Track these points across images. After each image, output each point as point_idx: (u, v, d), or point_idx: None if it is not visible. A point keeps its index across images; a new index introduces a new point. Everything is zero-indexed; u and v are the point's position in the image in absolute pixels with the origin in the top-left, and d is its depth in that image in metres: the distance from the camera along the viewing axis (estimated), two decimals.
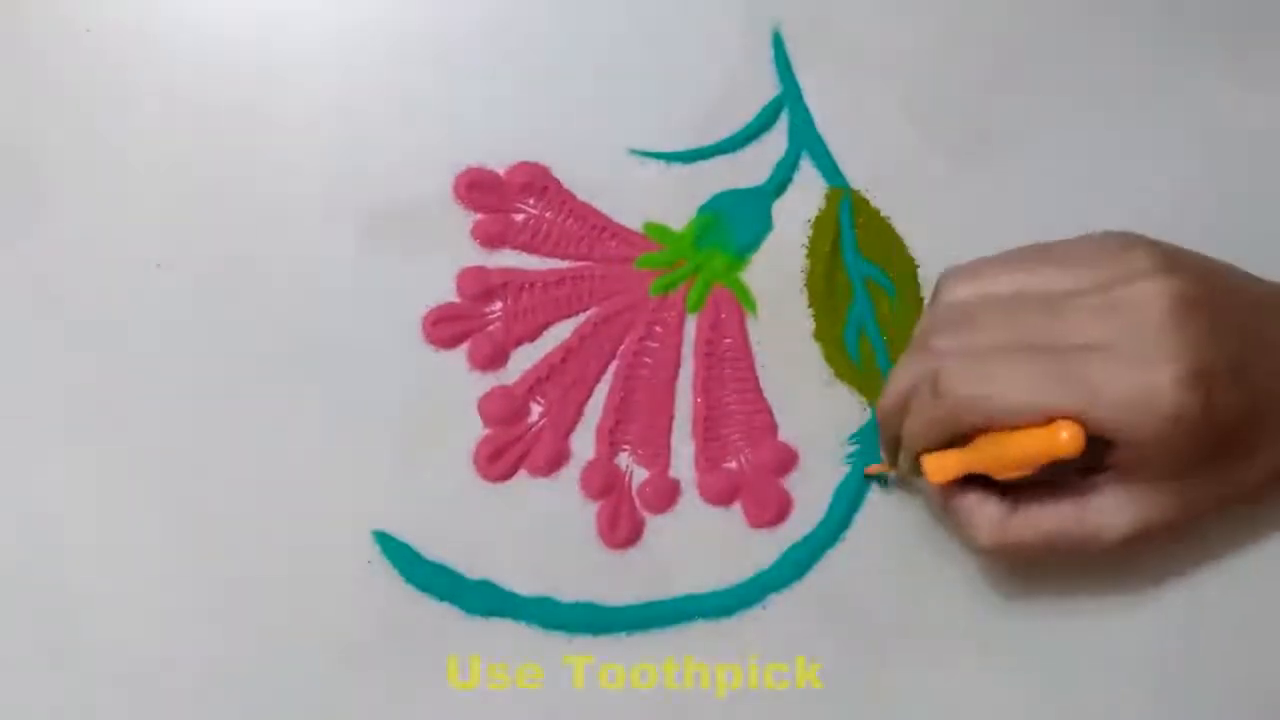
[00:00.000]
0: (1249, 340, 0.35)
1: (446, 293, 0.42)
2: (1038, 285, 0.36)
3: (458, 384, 0.41)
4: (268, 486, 0.40)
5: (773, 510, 0.41)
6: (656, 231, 0.43)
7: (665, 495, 0.41)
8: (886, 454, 0.39)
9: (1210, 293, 0.35)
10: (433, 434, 0.41)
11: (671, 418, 0.42)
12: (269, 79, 0.42)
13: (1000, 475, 0.35)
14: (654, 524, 0.41)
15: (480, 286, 0.42)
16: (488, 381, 0.41)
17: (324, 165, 0.42)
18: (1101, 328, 0.34)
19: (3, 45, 0.42)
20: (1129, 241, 0.36)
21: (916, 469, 0.37)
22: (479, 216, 0.42)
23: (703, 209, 0.43)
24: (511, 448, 0.41)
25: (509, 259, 0.42)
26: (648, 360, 0.42)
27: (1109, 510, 0.36)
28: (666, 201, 0.43)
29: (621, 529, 0.41)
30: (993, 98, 0.44)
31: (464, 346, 0.41)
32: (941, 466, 0.36)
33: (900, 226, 0.43)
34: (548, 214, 0.42)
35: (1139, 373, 0.33)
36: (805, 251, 0.43)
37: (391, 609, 0.40)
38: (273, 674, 0.39)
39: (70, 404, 0.40)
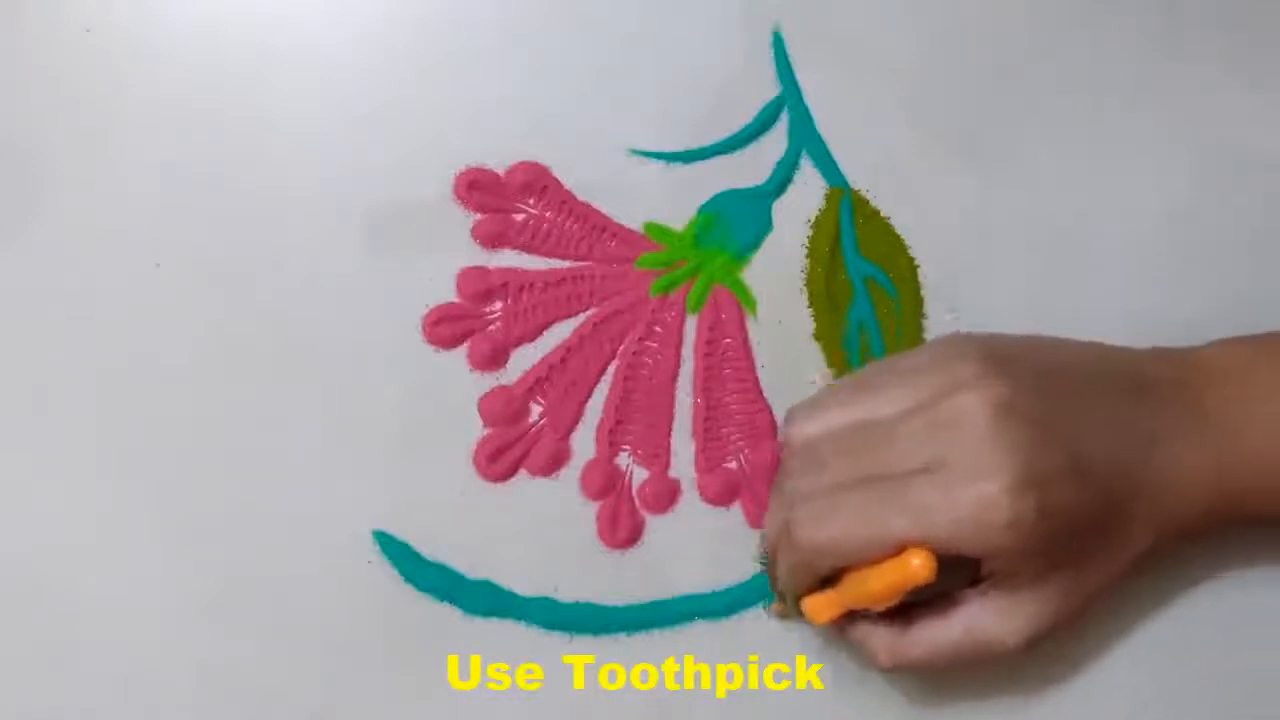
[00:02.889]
0: (1087, 427, 0.35)
1: (446, 293, 0.42)
2: (873, 412, 0.36)
3: (458, 384, 0.41)
4: (267, 486, 0.40)
5: None
6: (656, 231, 0.43)
7: (665, 495, 0.41)
8: (777, 596, 0.40)
9: (1034, 393, 0.35)
10: (433, 434, 0.41)
11: (671, 418, 0.42)
12: (269, 79, 0.42)
13: (872, 607, 0.35)
14: (654, 524, 0.41)
15: (480, 286, 0.42)
16: (488, 381, 0.41)
17: (324, 165, 0.42)
18: (932, 447, 0.34)
19: (3, 45, 0.42)
20: (957, 351, 0.36)
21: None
22: (479, 216, 0.42)
23: (703, 209, 0.43)
24: (511, 448, 0.41)
25: (509, 259, 0.42)
26: (648, 360, 0.42)
27: (996, 618, 0.36)
28: (666, 201, 0.43)
29: (621, 529, 0.41)
30: (993, 98, 0.44)
31: (464, 346, 0.41)
32: (818, 609, 0.36)
33: (900, 226, 0.43)
34: (548, 214, 0.42)
35: (969, 488, 0.33)
36: (805, 251, 0.43)
37: (391, 609, 0.40)
38: (272, 674, 0.39)
39: (69, 403, 0.40)
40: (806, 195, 0.43)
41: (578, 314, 0.42)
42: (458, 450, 0.41)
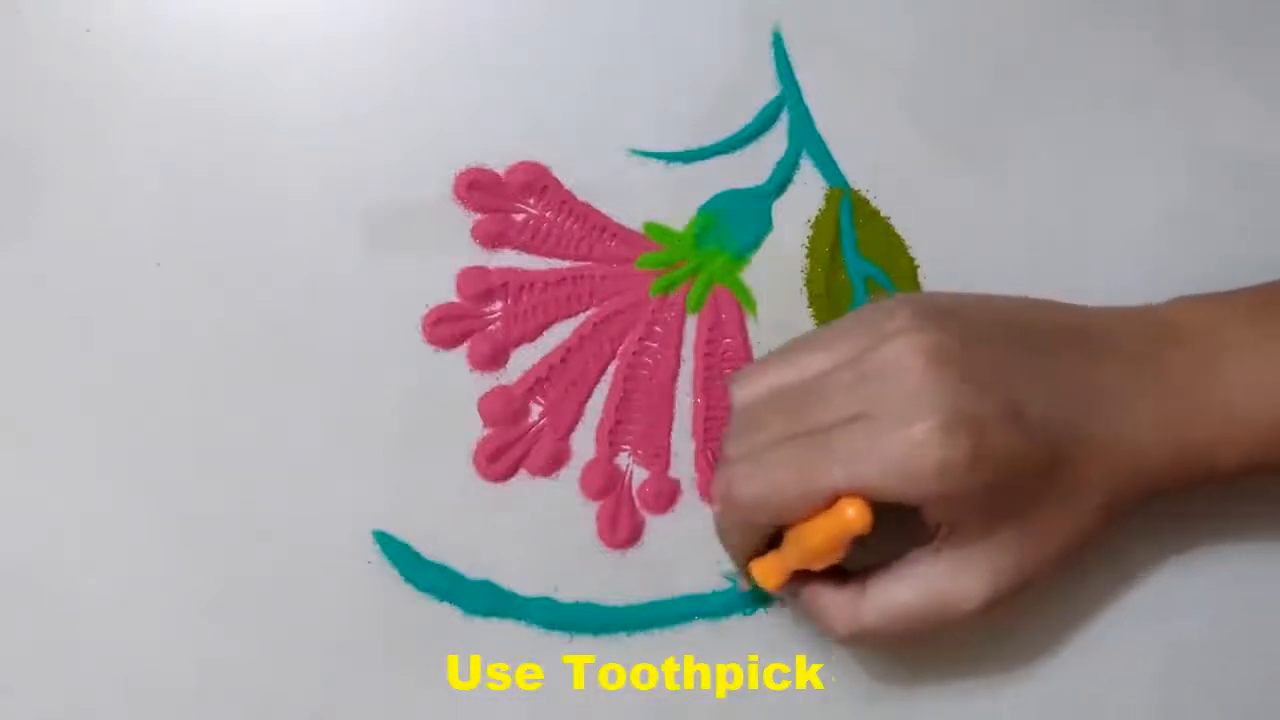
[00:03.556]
0: (1026, 377, 0.35)
1: (446, 293, 0.42)
2: (808, 370, 0.36)
3: (458, 384, 0.41)
4: (267, 486, 0.40)
5: None
6: (656, 231, 0.43)
7: (665, 495, 0.41)
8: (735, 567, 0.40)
9: (969, 338, 0.34)
10: (433, 434, 0.41)
11: (671, 418, 0.42)
12: (269, 79, 0.42)
13: (816, 565, 0.35)
14: (654, 524, 0.41)
15: (480, 286, 0.42)
16: (488, 381, 0.41)
17: (324, 165, 0.42)
18: (863, 397, 0.34)
19: (3, 45, 0.42)
20: (889, 306, 0.36)
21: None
22: (479, 216, 0.42)
23: (703, 209, 0.43)
24: (511, 448, 0.41)
25: (509, 259, 0.42)
26: (648, 360, 0.42)
27: (950, 578, 0.35)
28: (666, 201, 0.43)
29: (621, 529, 0.41)
30: (992, 98, 0.44)
31: (464, 346, 0.41)
32: (766, 572, 0.36)
33: (900, 226, 0.43)
34: (548, 214, 0.42)
35: (899, 433, 0.33)
36: (805, 251, 0.43)
37: (391, 609, 0.40)
38: (272, 674, 0.39)
39: (69, 403, 0.40)
40: (806, 195, 0.43)
41: (578, 314, 0.42)
42: (458, 450, 0.41)
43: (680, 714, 0.40)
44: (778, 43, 0.44)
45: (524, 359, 0.42)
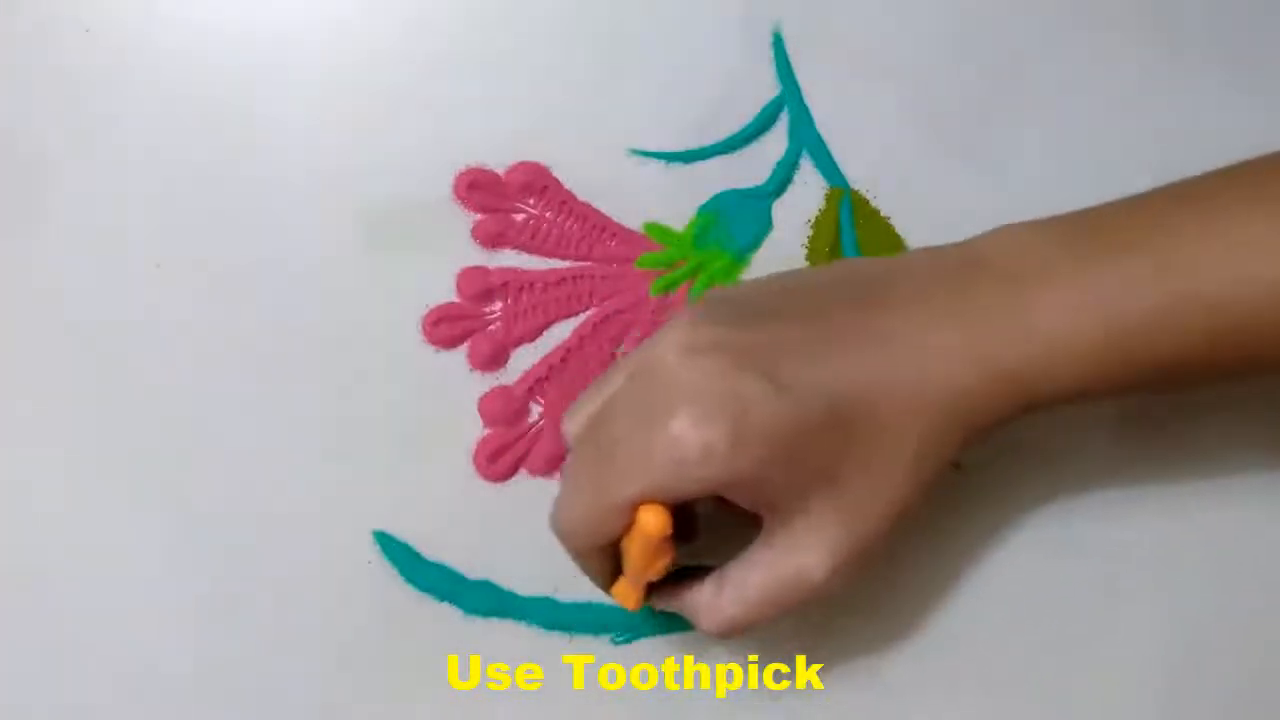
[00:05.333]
0: (798, 343, 0.34)
1: (446, 293, 0.42)
2: (608, 392, 0.36)
3: (458, 384, 0.41)
4: (267, 486, 0.40)
5: None
6: (656, 231, 0.43)
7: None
8: None
9: (729, 325, 0.34)
10: (433, 434, 0.41)
11: None
12: (268, 79, 0.42)
13: (652, 575, 0.35)
14: None
15: (480, 286, 0.42)
16: (488, 381, 0.41)
17: (324, 165, 0.42)
18: (639, 405, 0.34)
19: (3, 45, 0.42)
20: (681, 309, 0.35)
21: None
22: (479, 216, 0.42)
23: (703, 209, 0.43)
24: (511, 448, 0.41)
25: (509, 259, 0.42)
26: None
27: (789, 554, 0.34)
28: (666, 201, 0.43)
29: None
30: (992, 98, 0.44)
31: (464, 346, 0.41)
32: (622, 595, 0.36)
33: (900, 226, 0.43)
34: (548, 214, 0.42)
35: (660, 433, 0.33)
36: (805, 251, 0.43)
37: (391, 609, 0.40)
38: (272, 674, 0.39)
39: (69, 404, 0.40)
40: (806, 195, 0.43)
41: (578, 314, 0.42)
42: (458, 450, 0.41)
43: (680, 714, 0.40)
44: (778, 43, 0.44)
45: (524, 359, 0.42)
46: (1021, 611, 0.41)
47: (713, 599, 0.35)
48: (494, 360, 0.41)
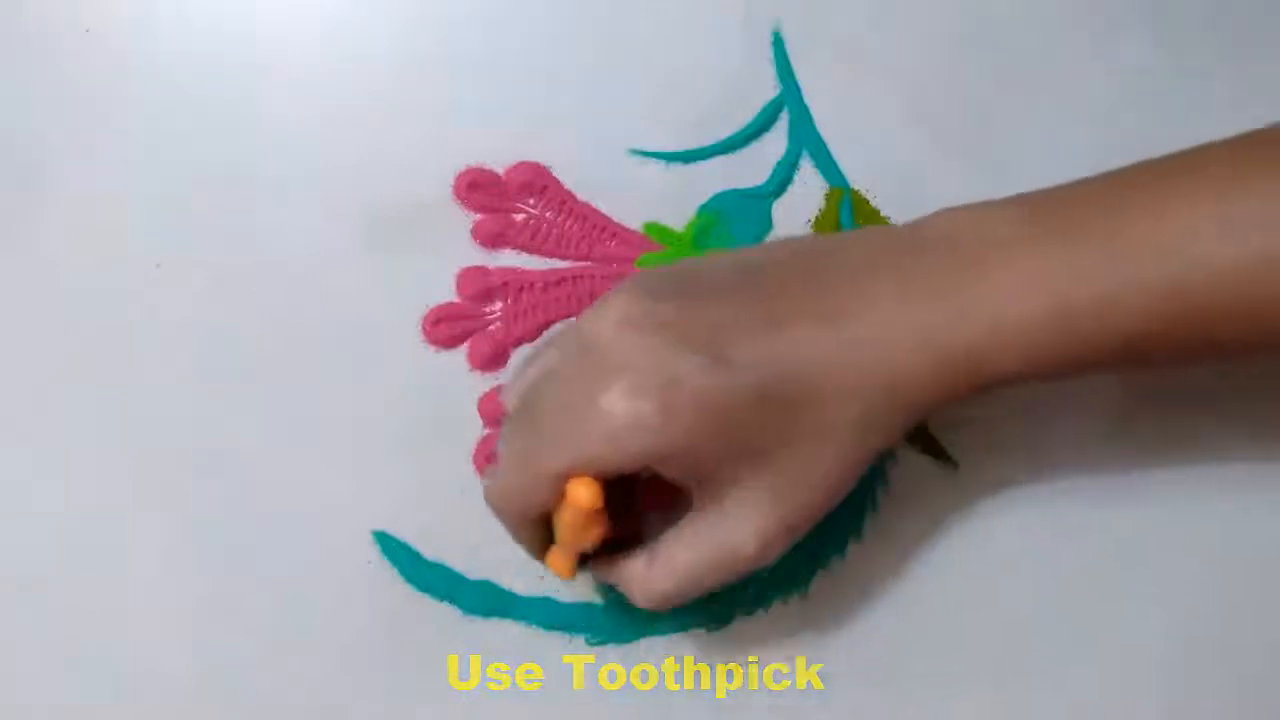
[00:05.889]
0: (733, 319, 0.34)
1: (446, 293, 0.42)
2: (546, 366, 0.35)
3: (458, 384, 0.41)
4: (268, 486, 0.40)
5: None
6: (656, 231, 0.43)
7: (666, 494, 0.41)
8: None
9: (665, 300, 0.34)
10: (433, 434, 0.41)
11: None
12: (268, 79, 0.42)
13: (584, 546, 0.35)
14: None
15: (480, 286, 0.42)
16: (488, 381, 0.41)
17: (324, 165, 0.42)
18: (575, 379, 0.34)
19: (3, 45, 0.42)
20: (619, 285, 0.35)
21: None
22: (479, 216, 0.42)
23: (703, 209, 0.43)
24: None
25: (509, 259, 0.42)
26: None
27: (719, 527, 0.34)
28: (666, 201, 0.43)
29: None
30: (993, 98, 0.44)
31: (464, 346, 0.41)
32: (555, 564, 0.36)
33: None
34: (548, 214, 0.42)
35: (591, 406, 0.33)
36: None
37: (391, 609, 0.40)
38: (272, 674, 0.39)
39: (70, 404, 0.40)
40: (806, 195, 0.43)
41: (578, 314, 0.42)
42: (458, 450, 0.41)
43: (680, 714, 0.40)
44: (778, 43, 0.44)
45: None
46: (1020, 608, 0.41)
47: (644, 571, 0.35)
48: (494, 360, 0.41)
